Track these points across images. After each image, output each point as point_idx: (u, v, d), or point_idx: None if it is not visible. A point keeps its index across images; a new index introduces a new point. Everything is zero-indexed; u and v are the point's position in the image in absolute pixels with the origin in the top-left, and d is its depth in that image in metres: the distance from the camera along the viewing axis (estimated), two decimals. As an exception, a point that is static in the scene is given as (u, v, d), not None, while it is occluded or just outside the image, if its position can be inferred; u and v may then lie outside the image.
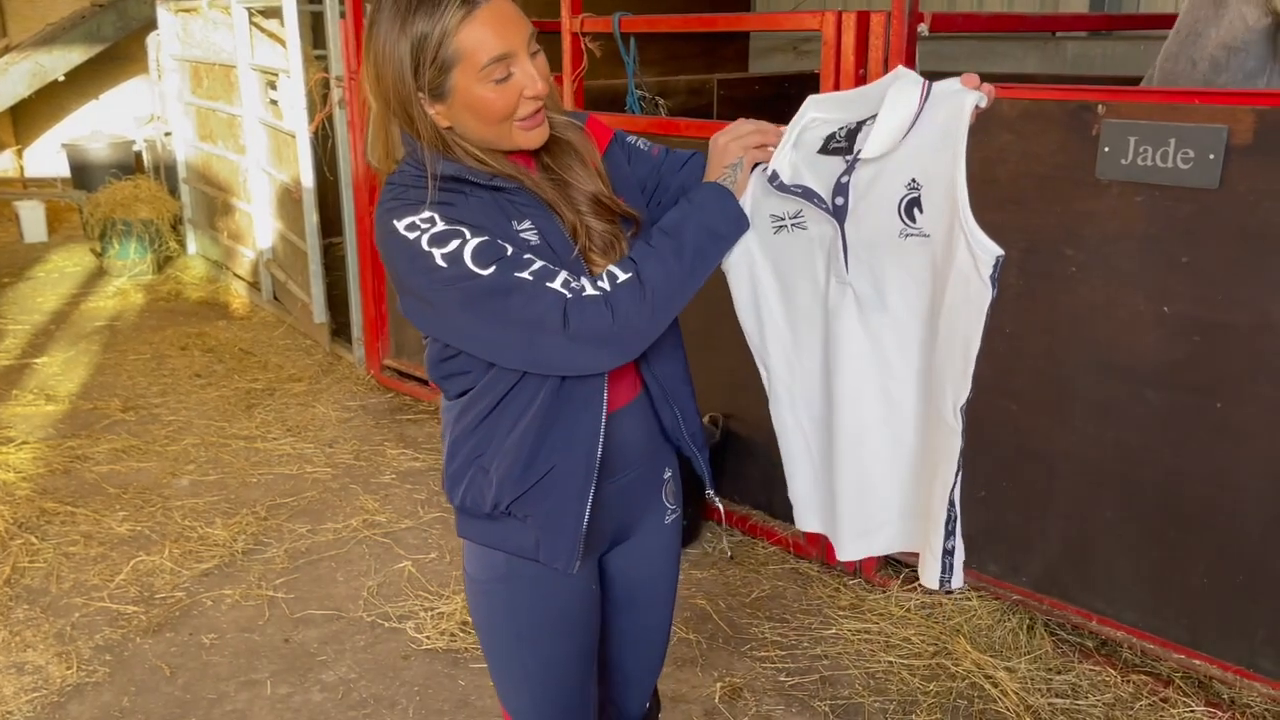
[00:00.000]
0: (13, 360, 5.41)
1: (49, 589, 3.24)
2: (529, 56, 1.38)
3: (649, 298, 1.37)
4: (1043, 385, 2.76)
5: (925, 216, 1.34)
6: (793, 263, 1.48)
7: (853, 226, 1.39)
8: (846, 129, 1.38)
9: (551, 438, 1.48)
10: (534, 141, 1.44)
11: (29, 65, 8.35)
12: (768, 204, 1.46)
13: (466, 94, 1.37)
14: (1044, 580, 2.87)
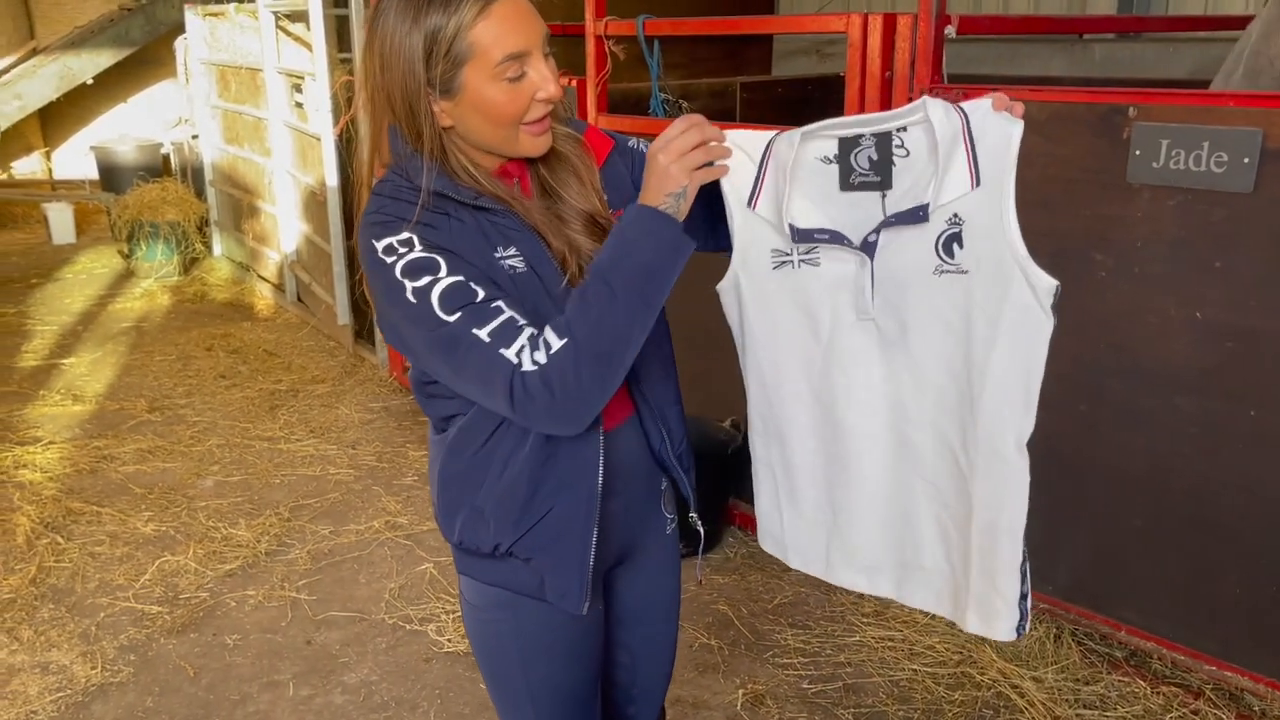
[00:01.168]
0: (40, 361, 5.47)
1: (74, 589, 3.26)
2: (544, 57, 1.33)
3: (589, 363, 1.25)
4: (1070, 392, 2.73)
5: (965, 252, 1.29)
6: (793, 300, 1.37)
7: (882, 262, 1.32)
8: (868, 156, 1.30)
9: (547, 478, 1.42)
10: (538, 148, 1.37)
11: (57, 68, 8.44)
12: (770, 238, 1.35)
13: (476, 93, 1.30)
14: (1072, 589, 2.83)
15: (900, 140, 1.29)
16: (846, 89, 2.98)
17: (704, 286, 1.62)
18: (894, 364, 1.37)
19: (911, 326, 1.34)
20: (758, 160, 1.33)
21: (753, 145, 1.33)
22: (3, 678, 2.81)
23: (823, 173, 1.32)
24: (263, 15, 5.87)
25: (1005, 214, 1.28)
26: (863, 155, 1.30)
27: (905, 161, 1.29)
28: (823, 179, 1.32)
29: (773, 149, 1.32)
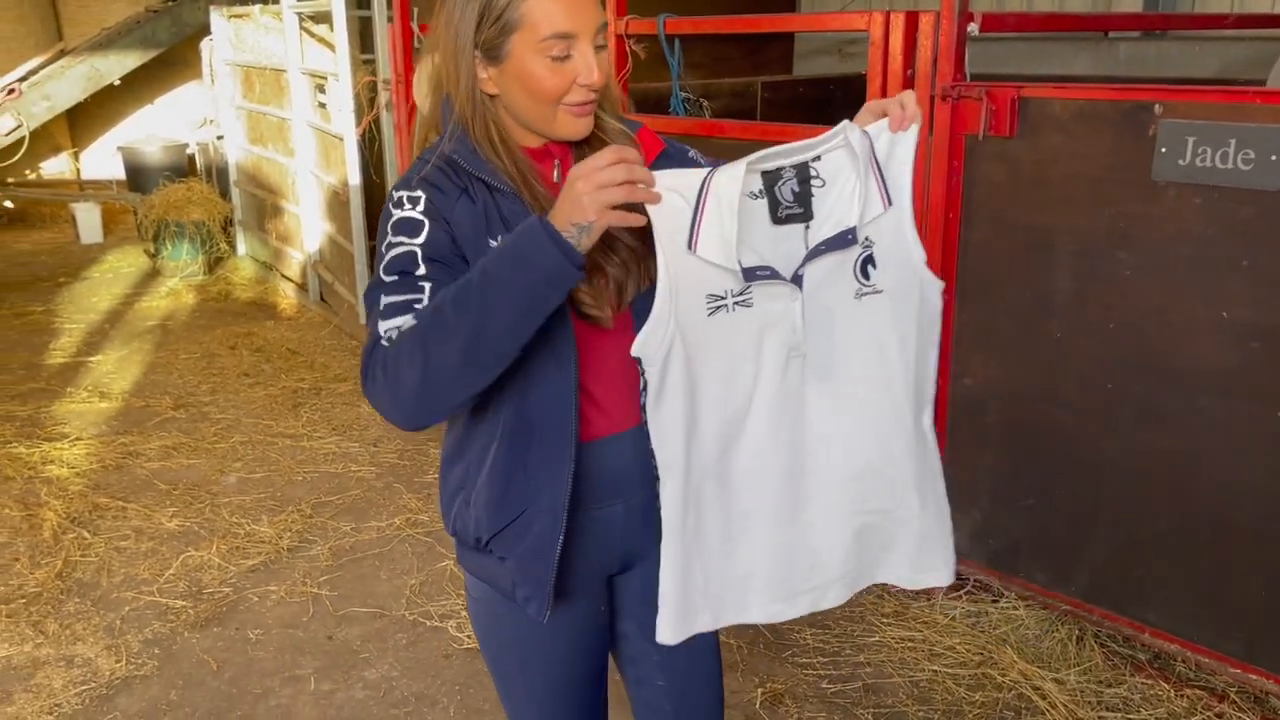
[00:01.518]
0: (68, 358, 5.53)
1: (100, 583, 3.30)
2: (593, 46, 1.33)
3: (393, 374, 1.25)
4: (1093, 392, 2.71)
5: (879, 272, 1.34)
6: (730, 348, 1.31)
7: (810, 295, 1.31)
8: (790, 189, 1.29)
9: (517, 482, 1.40)
10: (576, 131, 1.37)
11: (85, 69, 8.53)
12: (704, 281, 1.27)
13: (520, 64, 1.31)
14: (1094, 591, 2.81)
15: (815, 171, 1.30)
16: (868, 88, 2.97)
17: None
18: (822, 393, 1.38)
19: (843, 355, 1.36)
20: (693, 200, 1.24)
21: (686, 185, 1.25)
22: (28, 670, 2.85)
23: (752, 209, 1.28)
24: (287, 17, 5.92)
25: (904, 225, 1.33)
26: (786, 188, 1.29)
27: (821, 191, 1.30)
28: (754, 215, 1.29)
29: (710, 187, 1.24)
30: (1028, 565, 2.93)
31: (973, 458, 3.00)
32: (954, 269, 2.91)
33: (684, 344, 1.29)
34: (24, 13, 9.52)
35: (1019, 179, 2.74)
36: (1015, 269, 2.80)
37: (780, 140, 1.36)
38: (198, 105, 9.29)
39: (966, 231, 2.88)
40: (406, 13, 4.58)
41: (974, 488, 3.01)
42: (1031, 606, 2.90)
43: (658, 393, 1.31)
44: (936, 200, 2.88)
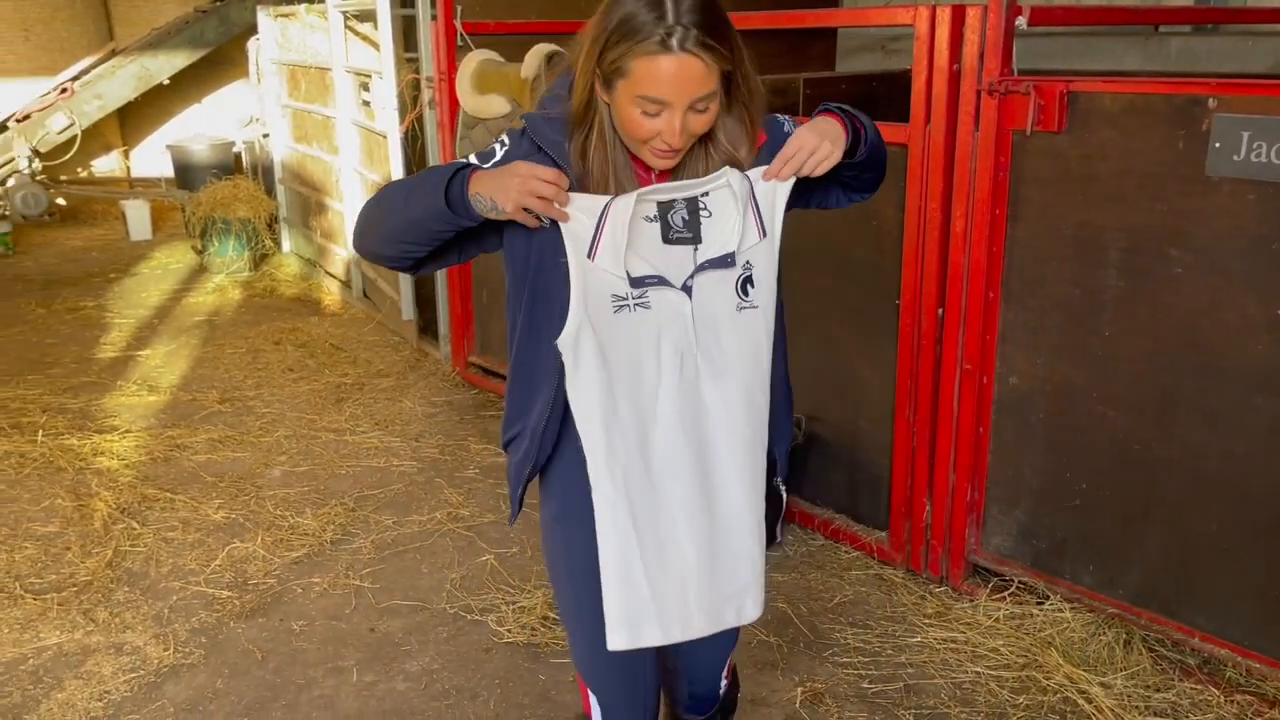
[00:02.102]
0: (118, 352, 5.63)
1: (148, 572, 3.36)
2: (686, 112, 1.46)
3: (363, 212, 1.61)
4: (1144, 390, 2.66)
5: (755, 290, 1.62)
6: (634, 340, 1.57)
7: (699, 303, 1.58)
8: (681, 216, 1.55)
9: (520, 401, 1.67)
10: (657, 164, 1.56)
11: (135, 69, 8.69)
12: (612, 284, 1.54)
13: (619, 102, 1.49)
14: (1142, 594, 2.76)
15: (704, 205, 1.56)
16: (913, 83, 2.94)
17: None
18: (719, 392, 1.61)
19: (729, 357, 1.61)
20: (595, 220, 1.51)
21: (591, 207, 1.51)
22: (79, 657, 2.90)
23: (647, 230, 1.54)
24: (332, 15, 5.98)
25: (775, 254, 1.63)
26: (677, 216, 1.55)
27: (709, 221, 1.56)
28: (648, 235, 1.55)
29: (609, 210, 1.51)
30: (1073, 567, 2.89)
31: (1017, 457, 2.96)
32: (1000, 266, 2.88)
33: (595, 334, 1.55)
34: (77, 13, 9.71)
35: (1067, 175, 2.70)
36: (1063, 266, 2.76)
37: None
38: (244, 104, 9.43)
39: (1012, 228, 2.84)
40: (450, 11, 4.61)
41: (1018, 487, 2.98)
42: (1077, 609, 2.86)
43: (573, 374, 1.56)
44: (982, 197, 2.85)
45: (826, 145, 1.50)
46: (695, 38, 1.41)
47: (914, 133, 2.96)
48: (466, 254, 1.65)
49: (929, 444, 3.13)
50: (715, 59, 1.44)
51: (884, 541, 3.32)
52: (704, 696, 1.92)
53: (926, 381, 3.09)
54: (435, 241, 1.55)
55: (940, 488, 3.13)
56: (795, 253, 3.38)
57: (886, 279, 3.14)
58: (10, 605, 3.15)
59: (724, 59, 1.45)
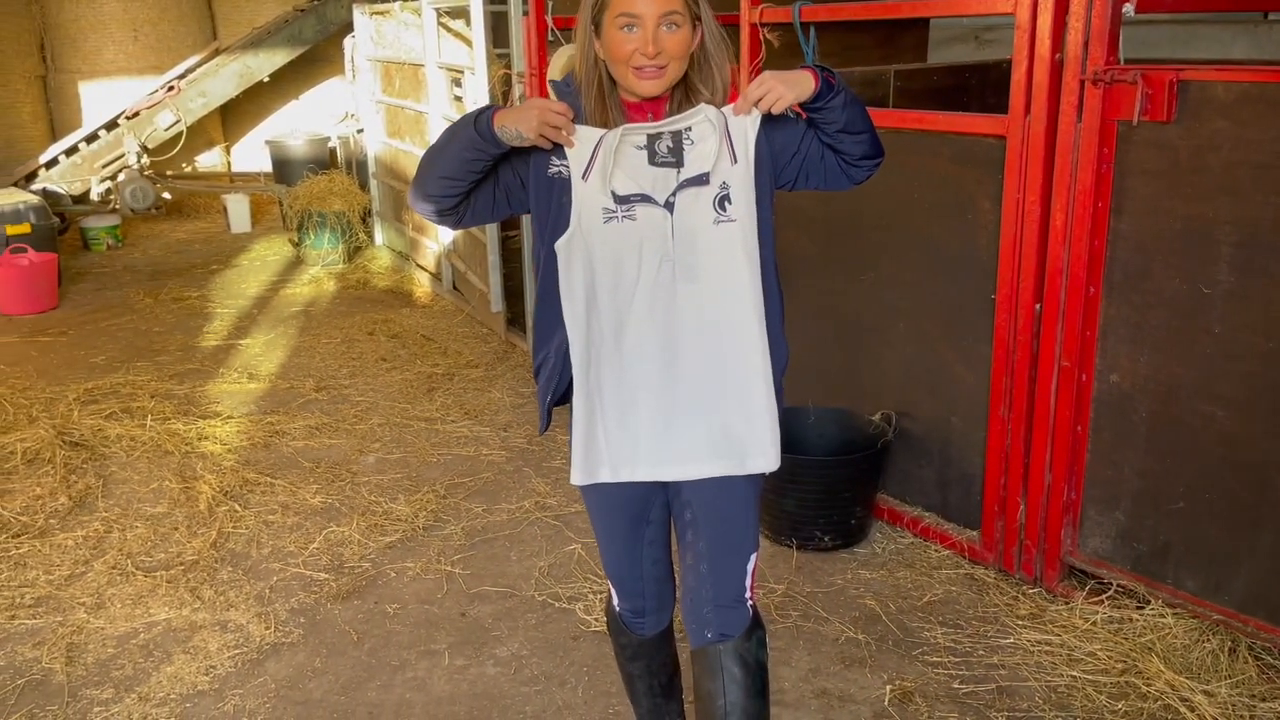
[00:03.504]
0: (220, 341, 5.84)
1: (250, 554, 3.48)
2: (658, 28, 1.75)
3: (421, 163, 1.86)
4: (1257, 391, 2.56)
5: (733, 206, 1.85)
6: (617, 247, 1.84)
7: (679, 217, 1.84)
8: (666, 145, 1.82)
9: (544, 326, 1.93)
10: (645, 89, 1.81)
11: (238, 67, 8.97)
12: (601, 199, 1.82)
13: (607, 30, 1.78)
14: (1249, 600, 2.66)
15: (688, 135, 1.83)
16: (1012, 73, 2.88)
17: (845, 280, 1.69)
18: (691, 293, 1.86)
19: (704, 262, 1.86)
20: (591, 148, 1.81)
21: (589, 137, 1.82)
22: (186, 633, 3.03)
23: (636, 155, 1.83)
24: (425, 13, 6.09)
25: (749, 178, 1.85)
26: (662, 144, 1.82)
27: (691, 148, 1.83)
28: (636, 159, 1.83)
29: (602, 141, 1.81)
30: (1176, 571, 2.80)
31: (1118, 456, 2.88)
32: (1101, 261, 2.80)
33: (585, 240, 1.84)
34: (183, 13, 10.08)
35: (1176, 166, 2.61)
36: (1170, 261, 2.67)
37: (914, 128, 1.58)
38: (339, 100, 9.67)
39: (1115, 221, 2.76)
40: (541, 6, 4.66)
41: (1118, 488, 2.89)
42: (1180, 615, 2.77)
43: (566, 273, 1.86)
44: (1084, 189, 2.77)
45: (781, 88, 1.74)
46: None
47: (1013, 124, 2.89)
48: (499, 209, 1.91)
49: (1024, 442, 3.06)
50: None
51: (975, 541, 3.27)
52: (729, 608, 1.95)
53: (1023, 378, 3.02)
54: (470, 175, 1.80)
55: (1035, 487, 3.06)
56: (887, 246, 3.36)
57: (982, 273, 3.08)
58: (123, 581, 3.30)
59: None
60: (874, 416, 3.48)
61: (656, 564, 2.10)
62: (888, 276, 3.38)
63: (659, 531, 2.07)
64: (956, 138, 3.08)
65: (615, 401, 1.89)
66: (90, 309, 6.56)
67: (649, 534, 2.06)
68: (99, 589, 3.26)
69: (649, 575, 2.10)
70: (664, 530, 2.08)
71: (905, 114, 3.22)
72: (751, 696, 1.95)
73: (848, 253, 3.47)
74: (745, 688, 1.94)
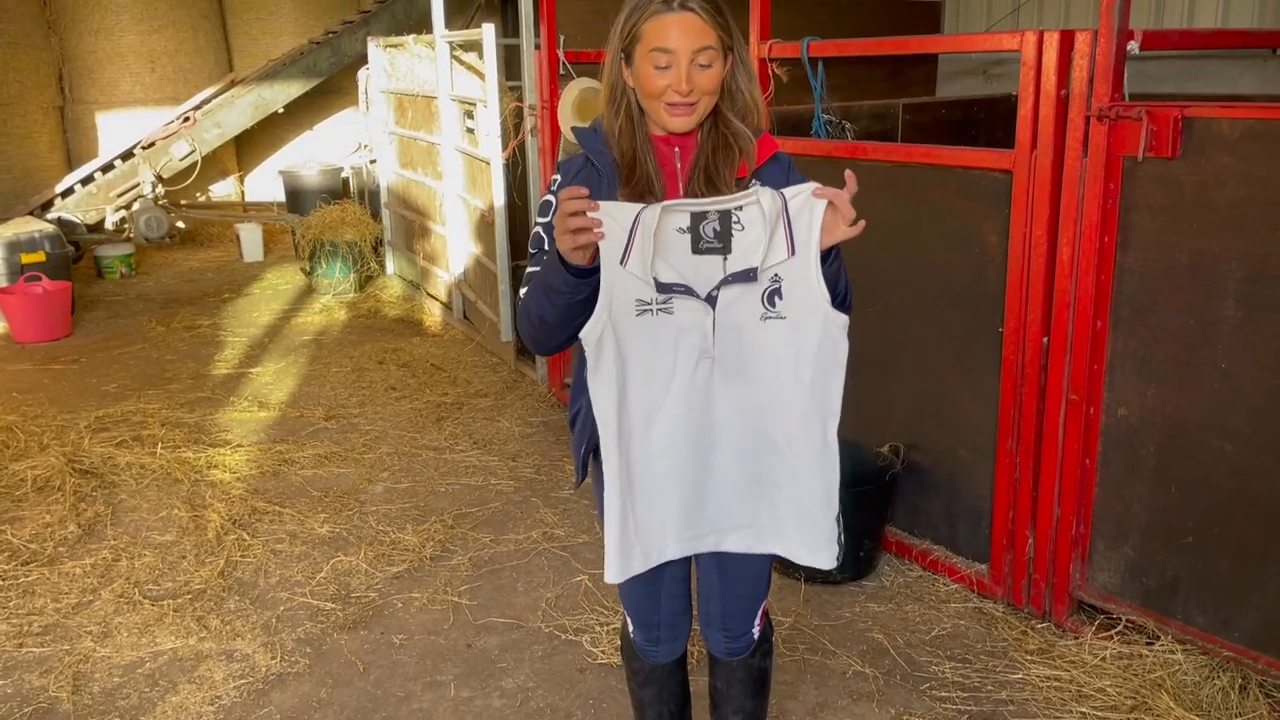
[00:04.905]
0: (231, 369, 5.87)
1: (258, 582, 3.48)
2: (692, 64, 1.71)
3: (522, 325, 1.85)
4: (1265, 426, 2.56)
5: (784, 303, 1.70)
6: (652, 342, 1.71)
7: (722, 312, 1.70)
8: (712, 228, 1.65)
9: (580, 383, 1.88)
10: (675, 126, 1.77)
11: (253, 98, 9.09)
12: (637, 289, 1.68)
13: (639, 65, 1.75)
14: (1260, 637, 2.64)
15: (738, 218, 1.65)
16: (1019, 108, 2.90)
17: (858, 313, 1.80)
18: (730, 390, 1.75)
19: (747, 361, 1.73)
20: (628, 228, 1.64)
21: (624, 215, 1.64)
22: (192, 663, 3.03)
23: (678, 240, 1.66)
24: (439, 46, 6.17)
25: (810, 272, 1.68)
26: (709, 226, 1.65)
27: (741, 234, 1.66)
28: (678, 245, 1.67)
29: (640, 219, 1.64)
30: (1186, 607, 2.79)
31: (1126, 491, 2.87)
32: (1108, 295, 2.80)
33: (615, 334, 1.70)
34: (199, 45, 10.22)
35: (1181, 202, 2.63)
36: (1176, 296, 2.68)
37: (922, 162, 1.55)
38: (353, 131, 9.77)
39: (1122, 256, 2.77)
40: (553, 40, 4.72)
41: (1126, 522, 2.88)
42: (1189, 651, 2.75)
43: (594, 367, 1.73)
44: (1090, 224, 2.78)
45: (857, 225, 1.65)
46: (692, 1, 1.71)
47: (1019, 158, 2.91)
48: None
49: (1032, 475, 3.06)
50: (711, 19, 1.72)
51: (984, 574, 3.25)
52: (739, 637, 2.13)
53: (1030, 411, 3.02)
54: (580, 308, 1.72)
55: (1044, 521, 3.05)
56: (895, 279, 3.37)
57: (989, 306, 3.09)
58: (130, 610, 3.30)
59: (720, 26, 1.73)
60: (882, 449, 3.48)
61: (674, 599, 2.10)
62: (895, 308, 3.39)
63: (679, 569, 2.06)
64: (964, 172, 3.10)
65: (645, 495, 1.80)
66: (103, 337, 6.61)
67: (669, 573, 2.04)
68: (106, 617, 3.26)
69: (666, 609, 2.11)
70: (684, 567, 2.07)
71: (913, 148, 3.24)
72: (750, 695, 2.22)
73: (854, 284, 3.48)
74: (746, 687, 2.21)
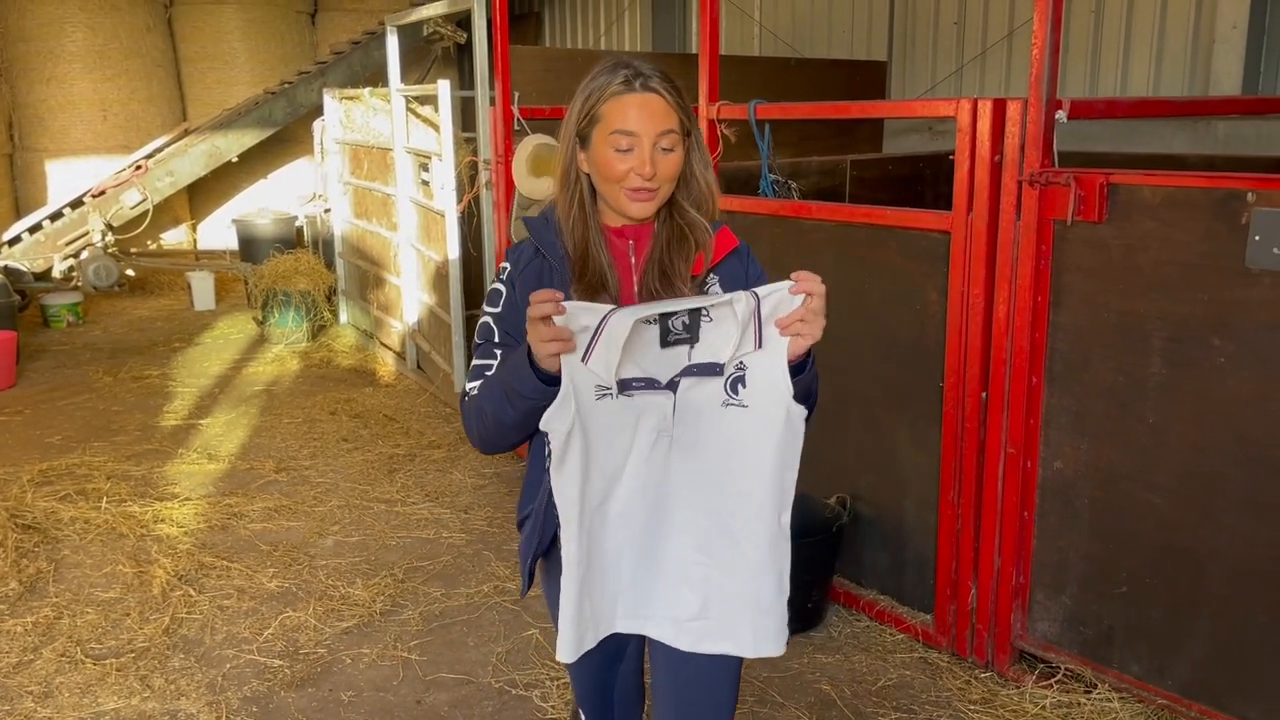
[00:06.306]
0: (180, 420, 5.81)
1: (203, 640, 3.44)
2: (654, 148, 1.66)
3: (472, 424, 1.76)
4: (1189, 480, 2.66)
5: (747, 391, 1.66)
6: (611, 424, 1.66)
7: (683, 396, 1.67)
8: (681, 321, 1.63)
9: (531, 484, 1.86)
10: (636, 213, 1.71)
11: (206, 147, 9.07)
12: (592, 379, 1.63)
13: (597, 149, 1.69)
14: (1193, 684, 2.72)
15: (707, 312, 1.64)
16: (956, 172, 3.02)
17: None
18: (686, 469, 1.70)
19: (706, 441, 1.69)
20: (594, 326, 1.59)
21: (592, 315, 1.59)
22: (136, 722, 2.98)
23: (645, 334, 1.63)
24: (394, 99, 6.24)
25: (776, 364, 1.65)
26: (678, 321, 1.63)
27: (709, 325, 1.64)
28: (645, 339, 1.63)
29: (607, 323, 1.58)
30: (1122, 655, 2.86)
31: (1062, 542, 2.95)
32: (1042, 352, 2.91)
33: (581, 424, 1.64)
34: (153, 94, 10.21)
35: (1109, 264, 2.74)
36: (1107, 353, 2.78)
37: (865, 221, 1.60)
38: (307, 180, 9.79)
39: (1055, 315, 2.88)
40: (508, 96, 4.81)
41: (1064, 572, 2.96)
42: (1126, 699, 2.82)
43: (560, 458, 1.65)
44: (1024, 284, 2.89)
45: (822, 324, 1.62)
46: (655, 81, 1.67)
47: (956, 220, 3.03)
48: None
49: (974, 527, 3.13)
50: (675, 100, 1.67)
51: (929, 624, 3.31)
52: None
53: (971, 464, 3.10)
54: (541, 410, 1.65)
55: (985, 571, 3.12)
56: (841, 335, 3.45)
57: (931, 362, 3.18)
58: (71, 670, 3.25)
59: (682, 109, 1.68)
60: (830, 500, 3.54)
61: (628, 692, 2.04)
62: (842, 363, 3.47)
63: (633, 663, 2.01)
64: (904, 232, 3.20)
65: (599, 571, 1.74)
66: (48, 387, 6.51)
67: (623, 667, 1.99)
68: (47, 677, 3.20)
69: (619, 699, 2.04)
70: (638, 659, 2.01)
71: (855, 209, 3.34)
72: None
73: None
74: None
